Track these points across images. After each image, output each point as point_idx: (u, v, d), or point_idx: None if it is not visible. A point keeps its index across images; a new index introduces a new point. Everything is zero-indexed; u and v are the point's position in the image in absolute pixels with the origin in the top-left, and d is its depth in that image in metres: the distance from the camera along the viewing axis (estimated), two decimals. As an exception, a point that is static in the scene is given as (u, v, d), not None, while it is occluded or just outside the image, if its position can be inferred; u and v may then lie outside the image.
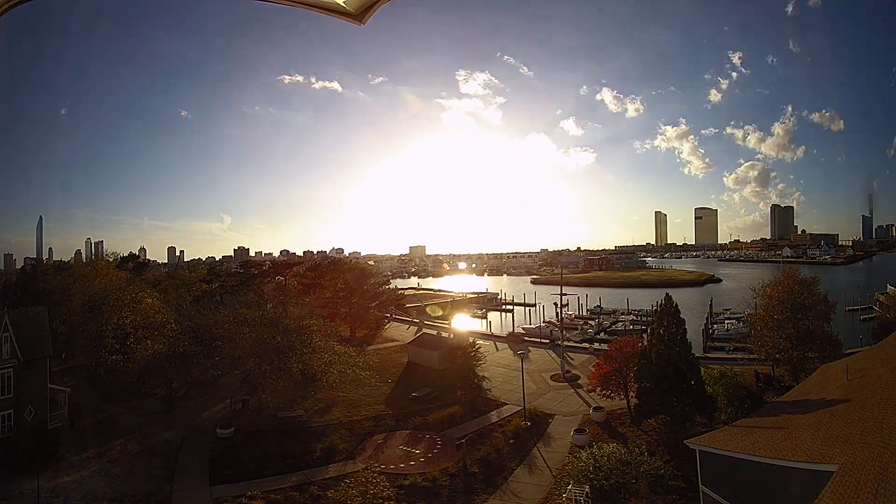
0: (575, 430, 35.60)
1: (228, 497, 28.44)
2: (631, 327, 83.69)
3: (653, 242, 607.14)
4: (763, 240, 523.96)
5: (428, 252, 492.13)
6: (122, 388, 44.40)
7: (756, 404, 33.88)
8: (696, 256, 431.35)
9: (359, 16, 4.37)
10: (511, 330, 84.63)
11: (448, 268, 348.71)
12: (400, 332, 79.42)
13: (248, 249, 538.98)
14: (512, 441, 35.85)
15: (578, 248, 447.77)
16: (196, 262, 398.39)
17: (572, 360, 56.21)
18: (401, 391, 47.98)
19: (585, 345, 71.55)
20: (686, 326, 35.80)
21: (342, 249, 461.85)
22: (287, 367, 40.51)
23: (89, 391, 47.36)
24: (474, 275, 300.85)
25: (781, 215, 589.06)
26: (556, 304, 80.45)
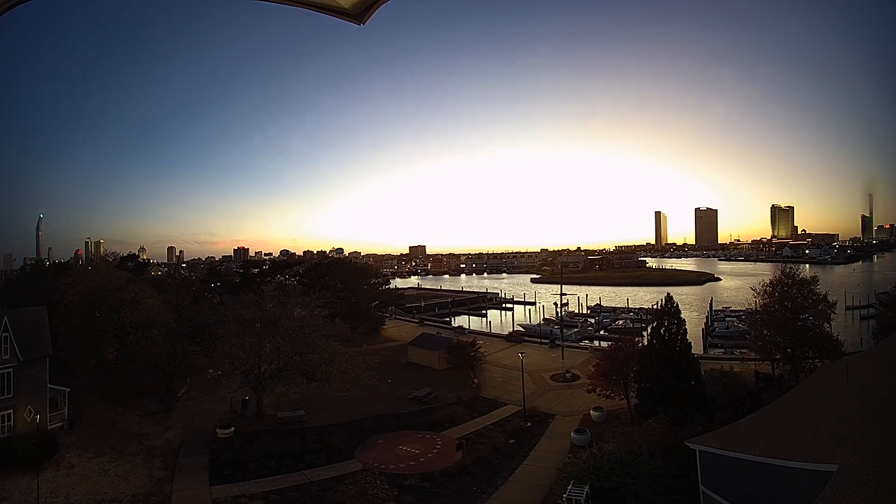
0: (575, 430, 35.56)
1: (228, 497, 28.40)
2: (631, 325, 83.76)
3: (653, 242, 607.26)
4: (763, 239, 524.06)
5: (428, 251, 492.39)
6: (122, 388, 44.36)
7: (756, 404, 33.82)
8: (697, 256, 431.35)
9: (359, 16, 4.36)
10: (511, 329, 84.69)
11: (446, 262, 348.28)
12: (400, 332, 79.39)
13: (248, 249, 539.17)
14: (512, 441, 35.82)
15: (578, 248, 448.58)
16: (196, 262, 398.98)
17: (572, 359, 56.15)
18: (401, 391, 47.95)
19: (585, 343, 71.68)
20: (686, 326, 35.79)
21: (342, 249, 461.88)
22: (287, 367, 40.50)
23: (89, 391, 47.30)
24: (474, 274, 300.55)
25: (781, 215, 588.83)
26: (556, 303, 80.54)
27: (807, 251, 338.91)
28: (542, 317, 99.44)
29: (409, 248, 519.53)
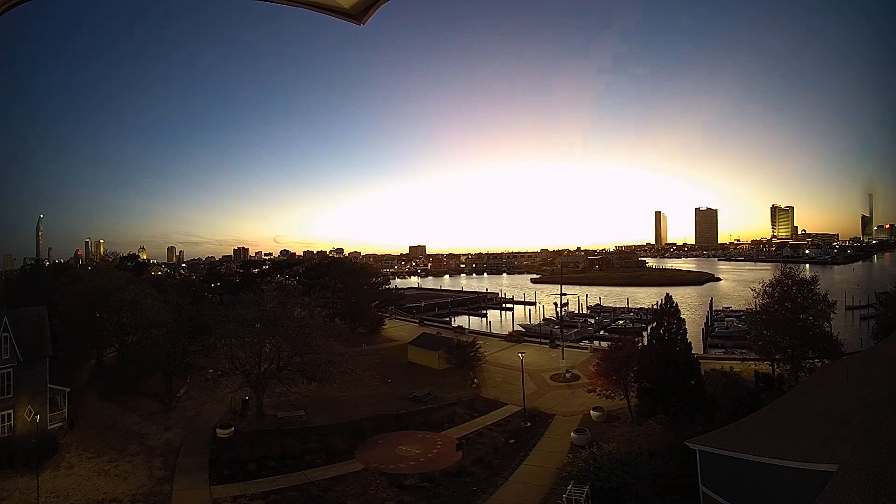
0: (575, 430, 35.58)
1: (228, 497, 28.41)
2: (631, 325, 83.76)
3: (653, 243, 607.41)
4: (763, 240, 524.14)
5: (428, 252, 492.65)
6: (122, 388, 44.34)
7: (756, 404, 33.81)
8: (696, 256, 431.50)
9: (358, 16, 4.36)
10: (511, 329, 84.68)
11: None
12: (400, 332, 79.38)
13: (248, 249, 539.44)
14: (512, 441, 35.83)
15: (578, 248, 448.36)
16: (196, 262, 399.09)
17: (572, 359, 56.16)
18: (401, 391, 47.95)
19: (585, 343, 71.67)
20: (686, 326, 35.79)
21: (342, 249, 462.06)
22: (287, 367, 40.49)
23: (89, 391, 47.29)
24: (474, 274, 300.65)
25: (781, 215, 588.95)
26: (556, 303, 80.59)
27: (807, 251, 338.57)
28: (542, 317, 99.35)
29: (410, 248, 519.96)
